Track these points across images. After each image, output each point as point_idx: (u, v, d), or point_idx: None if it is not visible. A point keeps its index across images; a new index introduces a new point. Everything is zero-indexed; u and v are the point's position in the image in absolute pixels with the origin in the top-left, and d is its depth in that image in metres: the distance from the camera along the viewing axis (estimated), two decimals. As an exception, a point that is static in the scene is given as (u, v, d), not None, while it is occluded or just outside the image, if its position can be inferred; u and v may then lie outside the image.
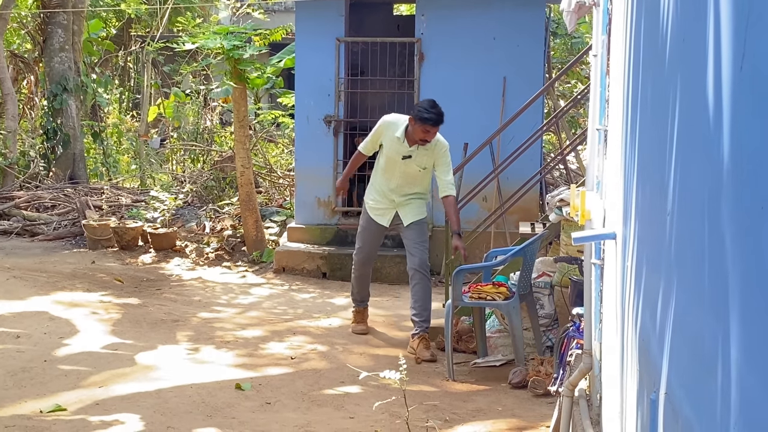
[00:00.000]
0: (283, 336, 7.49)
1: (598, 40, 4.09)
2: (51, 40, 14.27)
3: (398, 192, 7.17)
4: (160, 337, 7.31)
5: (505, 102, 9.62)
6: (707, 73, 1.56)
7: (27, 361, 6.48)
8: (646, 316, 2.27)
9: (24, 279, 8.97)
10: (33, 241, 11.56)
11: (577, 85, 15.85)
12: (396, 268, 9.65)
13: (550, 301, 6.84)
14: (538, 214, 9.31)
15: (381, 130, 7.13)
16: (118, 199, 12.95)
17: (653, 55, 2.34)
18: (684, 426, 1.71)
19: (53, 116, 14.10)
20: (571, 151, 10.76)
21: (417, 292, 7.05)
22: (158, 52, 17.26)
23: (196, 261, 10.48)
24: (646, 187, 2.42)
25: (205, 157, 14.64)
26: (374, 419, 5.47)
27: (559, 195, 6.69)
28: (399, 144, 7.01)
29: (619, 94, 3.26)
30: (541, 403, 5.87)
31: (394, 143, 7.03)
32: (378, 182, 7.23)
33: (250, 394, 5.96)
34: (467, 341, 7.16)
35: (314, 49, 10.09)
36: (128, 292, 8.89)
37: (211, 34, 10.39)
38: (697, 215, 1.65)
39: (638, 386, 2.36)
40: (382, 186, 7.19)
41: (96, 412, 5.50)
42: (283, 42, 14.72)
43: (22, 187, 13.55)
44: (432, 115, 6.82)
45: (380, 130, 7.13)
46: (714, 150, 1.50)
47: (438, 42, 9.84)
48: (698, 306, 1.62)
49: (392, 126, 7.08)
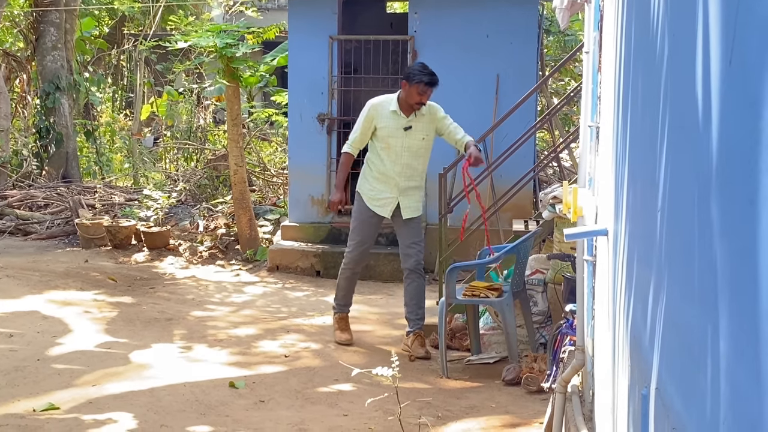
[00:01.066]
0: (276, 334, 7.49)
1: (590, 36, 4.09)
2: (43, 38, 14.25)
3: (404, 175, 6.96)
4: (154, 335, 7.31)
5: (498, 99, 9.62)
6: (696, 68, 1.56)
7: (20, 360, 6.47)
8: (638, 312, 2.28)
9: (17, 278, 8.95)
10: (26, 240, 11.54)
11: (571, 82, 15.87)
12: (390, 266, 9.65)
13: (543, 298, 6.85)
14: (532, 211, 9.31)
15: (371, 113, 6.98)
16: (111, 197, 12.93)
17: (643, 51, 2.35)
18: (675, 421, 1.71)
19: (46, 115, 14.08)
20: (564, 148, 10.77)
21: (411, 291, 7.02)
22: (151, 51, 17.24)
23: (189, 259, 10.48)
24: (637, 183, 2.42)
25: (199, 155, 14.63)
26: (368, 416, 5.47)
27: (552, 192, 6.70)
28: (397, 117, 6.91)
29: (610, 91, 3.26)
30: (535, 400, 5.88)
31: (391, 119, 6.92)
32: (379, 169, 7.00)
33: (244, 392, 5.96)
34: (461, 338, 7.17)
35: (307, 47, 10.09)
36: (121, 291, 8.88)
37: (203, 32, 10.38)
38: (687, 211, 1.66)
39: (630, 382, 2.37)
40: (387, 171, 6.96)
41: (89, 411, 5.49)
42: (276, 40, 14.71)
43: (15, 185, 13.53)
44: (425, 76, 6.77)
45: (370, 114, 6.98)
46: (703, 145, 1.50)
47: (431, 40, 9.85)
48: (688, 301, 1.63)
49: (383, 104, 6.99)
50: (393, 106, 6.93)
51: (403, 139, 6.93)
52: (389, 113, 6.93)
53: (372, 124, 7.00)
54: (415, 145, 6.95)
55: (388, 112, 6.93)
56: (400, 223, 7.09)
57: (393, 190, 7.01)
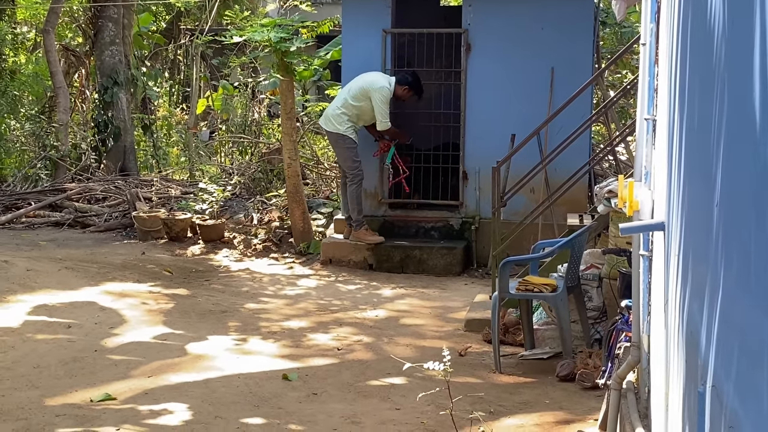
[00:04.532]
0: (329, 327, 7.51)
1: (647, 28, 4.03)
2: (102, 33, 14.45)
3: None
4: (209, 327, 7.38)
5: (553, 92, 9.53)
6: (755, 59, 1.53)
7: (78, 351, 6.58)
8: (694, 308, 2.24)
9: (75, 270, 9.10)
10: (84, 232, 11.73)
11: (627, 75, 15.66)
12: (442, 260, 9.63)
13: (598, 293, 6.78)
14: (587, 205, 9.21)
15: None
16: (167, 190, 13.08)
17: (700, 42, 2.30)
18: (731, 419, 1.68)
19: (104, 109, 14.28)
20: (620, 141, 10.64)
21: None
22: (207, 45, 17.38)
23: (243, 252, 10.56)
24: (693, 177, 2.38)
25: (253, 149, 14.72)
26: (420, 411, 5.47)
27: (608, 186, 6.61)
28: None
29: (666, 83, 3.21)
30: (589, 396, 5.82)
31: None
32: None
33: (297, 384, 5.99)
34: (514, 333, 7.13)
35: (361, 41, 10.09)
36: (177, 283, 8.98)
37: (258, 26, 10.43)
38: (744, 206, 1.62)
39: (685, 379, 2.33)
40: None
41: (145, 402, 5.57)
42: (330, 34, 14.75)
43: (74, 179, 13.75)
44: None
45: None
46: (762, 138, 1.46)
47: (485, 32, 9.79)
48: (746, 298, 1.59)
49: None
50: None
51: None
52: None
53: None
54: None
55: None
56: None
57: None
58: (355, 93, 9.58)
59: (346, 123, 9.64)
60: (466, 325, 7.50)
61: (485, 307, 7.52)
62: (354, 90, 9.61)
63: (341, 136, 9.67)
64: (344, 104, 9.66)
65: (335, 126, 9.69)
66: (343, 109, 9.66)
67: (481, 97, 9.84)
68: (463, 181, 9.99)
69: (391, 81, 9.58)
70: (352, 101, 9.60)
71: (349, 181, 9.74)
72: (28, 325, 7.19)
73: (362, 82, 9.59)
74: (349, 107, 9.62)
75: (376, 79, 9.56)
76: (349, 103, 9.61)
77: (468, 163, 9.94)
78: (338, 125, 9.67)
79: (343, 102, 9.68)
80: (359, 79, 9.66)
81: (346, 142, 9.68)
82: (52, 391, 5.72)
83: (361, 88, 9.55)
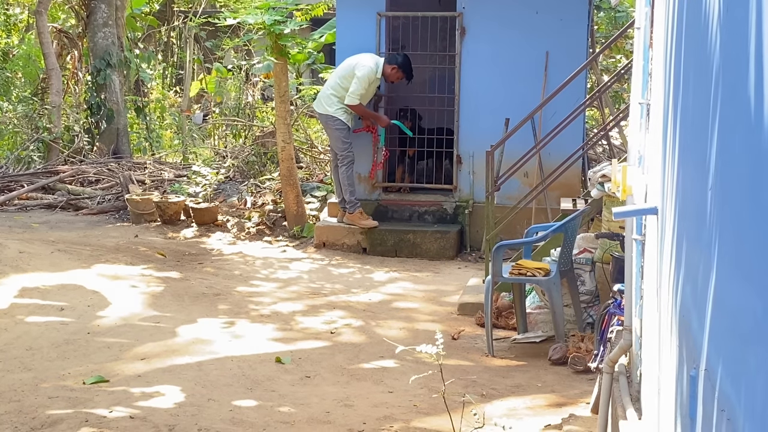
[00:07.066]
0: (322, 310, 7.52)
1: (642, 11, 4.02)
2: (94, 15, 14.37)
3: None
4: (201, 310, 7.38)
5: (547, 77, 9.52)
6: (750, 43, 1.52)
7: (70, 334, 6.58)
8: (687, 292, 2.24)
9: (68, 252, 9.08)
10: (77, 214, 11.71)
11: (621, 59, 15.65)
12: (436, 243, 9.64)
13: (591, 277, 6.79)
14: (580, 189, 9.22)
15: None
16: (160, 173, 13.06)
17: (695, 26, 2.30)
18: (723, 402, 1.68)
19: (97, 91, 14.22)
20: (614, 126, 10.64)
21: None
22: (200, 28, 17.31)
23: (237, 235, 10.55)
24: (687, 161, 2.38)
25: (247, 132, 14.69)
26: (413, 393, 5.48)
27: (601, 170, 6.62)
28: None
29: (661, 67, 3.20)
30: (581, 380, 5.85)
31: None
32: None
33: (290, 367, 6.00)
34: (507, 317, 7.14)
35: (355, 24, 10.06)
36: (170, 266, 8.97)
37: (252, 9, 10.39)
38: (738, 189, 1.62)
39: (678, 362, 2.34)
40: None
41: (138, 384, 5.57)
42: (324, 17, 14.69)
43: (67, 161, 13.72)
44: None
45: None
46: (756, 122, 1.46)
47: (480, 16, 9.77)
48: (739, 281, 1.59)
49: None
50: (379, 74, 9.65)
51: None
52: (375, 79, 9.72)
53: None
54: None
55: (375, 78, 9.69)
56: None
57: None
58: (343, 74, 9.62)
59: (336, 104, 9.67)
60: (459, 309, 7.51)
61: (478, 290, 7.53)
62: (342, 71, 9.64)
63: (331, 117, 9.73)
64: (334, 85, 9.68)
65: (325, 107, 9.72)
66: (332, 90, 9.69)
67: (475, 81, 9.83)
68: (457, 164, 9.99)
69: (378, 62, 9.61)
70: (340, 82, 9.63)
71: (340, 162, 9.78)
72: (21, 308, 7.18)
73: (351, 63, 9.60)
74: (338, 88, 9.63)
75: (363, 59, 9.57)
76: (338, 84, 9.63)
77: (462, 146, 9.94)
78: (328, 106, 9.68)
79: (333, 83, 9.68)
80: (349, 59, 9.66)
81: (336, 124, 9.73)
82: (45, 374, 5.72)
83: (349, 68, 9.57)
